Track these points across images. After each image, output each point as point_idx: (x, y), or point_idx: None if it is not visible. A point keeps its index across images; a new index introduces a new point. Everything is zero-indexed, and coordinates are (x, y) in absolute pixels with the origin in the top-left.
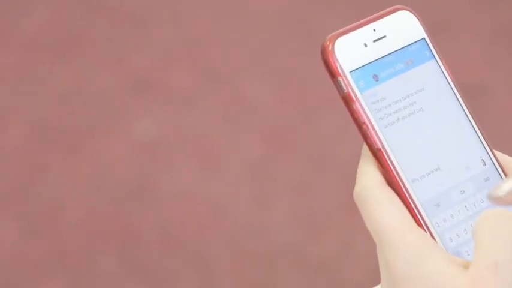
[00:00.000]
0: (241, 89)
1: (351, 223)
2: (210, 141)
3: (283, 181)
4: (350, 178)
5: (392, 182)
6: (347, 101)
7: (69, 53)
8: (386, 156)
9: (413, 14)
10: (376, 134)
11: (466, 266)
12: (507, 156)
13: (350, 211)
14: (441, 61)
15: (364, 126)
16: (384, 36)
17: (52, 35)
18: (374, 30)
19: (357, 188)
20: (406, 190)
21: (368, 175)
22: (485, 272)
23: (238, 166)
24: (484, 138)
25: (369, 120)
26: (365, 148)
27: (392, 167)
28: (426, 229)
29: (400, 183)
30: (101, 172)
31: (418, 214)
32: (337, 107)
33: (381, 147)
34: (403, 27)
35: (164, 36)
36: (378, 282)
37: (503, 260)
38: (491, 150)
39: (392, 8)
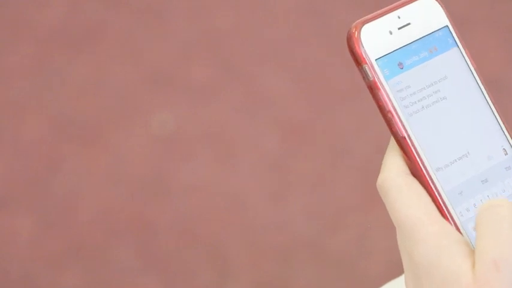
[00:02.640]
0: (260, 83)
1: (368, 217)
2: (228, 134)
3: (301, 174)
4: (368, 172)
5: (416, 171)
6: (372, 88)
7: (87, 46)
8: (410, 145)
9: (436, 0)
10: (401, 122)
11: None
12: None
13: (367, 205)
14: (464, 49)
15: (389, 115)
16: (409, 24)
17: (70, 28)
18: (399, 17)
19: (380, 177)
20: (431, 179)
21: (392, 165)
22: (486, 271)
23: (256, 159)
24: (506, 127)
25: (394, 108)
26: (392, 138)
27: (416, 156)
28: (450, 219)
29: (425, 172)
30: (118, 165)
31: (442, 204)
32: (356, 101)
33: (405, 136)
34: (427, 15)
35: (183, 28)
36: (395, 276)
37: (503, 257)
38: None
39: None
